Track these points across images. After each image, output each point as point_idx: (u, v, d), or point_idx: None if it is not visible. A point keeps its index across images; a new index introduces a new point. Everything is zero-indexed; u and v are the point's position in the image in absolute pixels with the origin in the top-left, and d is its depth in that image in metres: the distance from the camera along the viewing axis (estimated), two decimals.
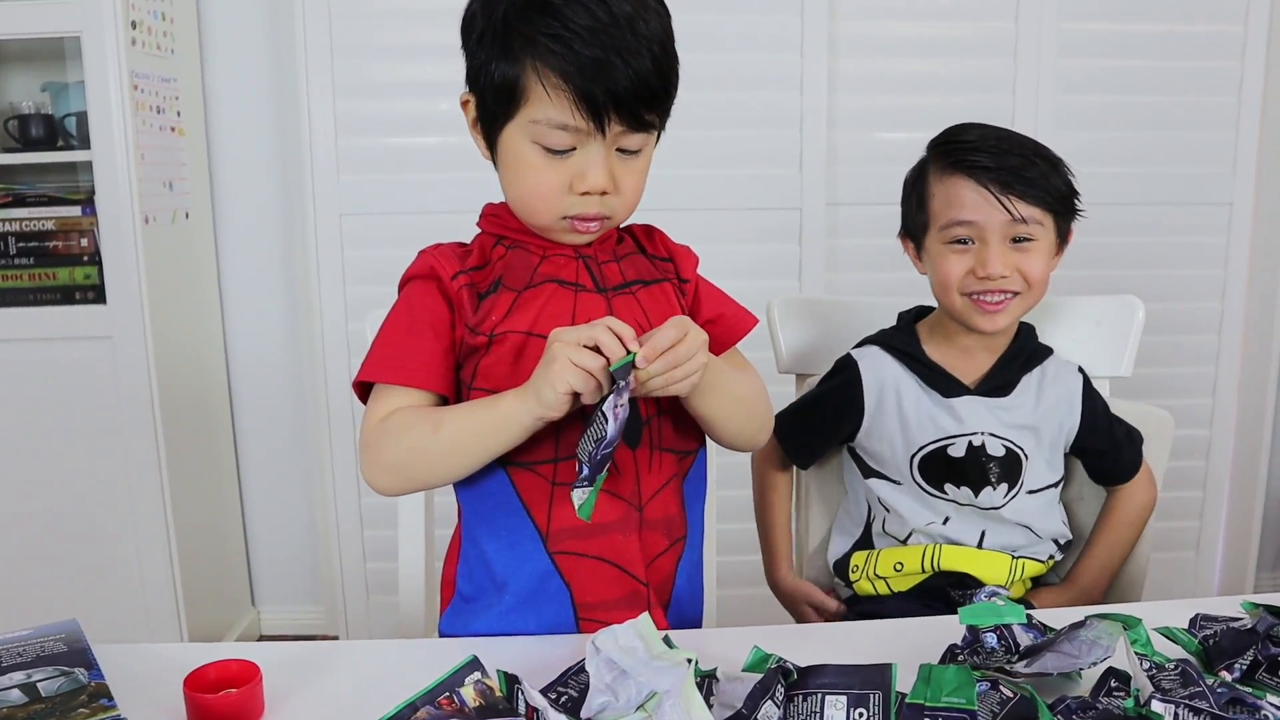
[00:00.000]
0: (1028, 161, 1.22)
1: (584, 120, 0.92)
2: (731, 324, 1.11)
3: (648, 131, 0.97)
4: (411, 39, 2.21)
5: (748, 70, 2.27)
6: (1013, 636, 0.87)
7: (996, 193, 1.21)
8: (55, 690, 0.79)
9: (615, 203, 0.99)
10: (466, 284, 1.01)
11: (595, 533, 1.00)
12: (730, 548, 1.64)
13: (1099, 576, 1.33)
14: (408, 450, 0.97)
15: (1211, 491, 2.56)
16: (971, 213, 1.22)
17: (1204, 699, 0.73)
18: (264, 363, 2.54)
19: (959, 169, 1.23)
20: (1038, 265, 1.24)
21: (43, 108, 2.22)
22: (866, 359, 1.34)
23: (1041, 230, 1.24)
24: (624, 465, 1.01)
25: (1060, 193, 1.24)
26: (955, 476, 1.28)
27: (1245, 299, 2.47)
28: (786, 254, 2.35)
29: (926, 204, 1.28)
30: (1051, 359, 1.33)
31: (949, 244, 1.25)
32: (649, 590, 1.02)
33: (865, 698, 0.75)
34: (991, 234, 1.22)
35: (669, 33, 0.96)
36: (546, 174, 0.97)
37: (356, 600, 2.45)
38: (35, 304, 2.15)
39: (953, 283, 1.25)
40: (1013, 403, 1.29)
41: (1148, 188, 2.40)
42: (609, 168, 0.96)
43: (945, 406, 1.29)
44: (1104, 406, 1.34)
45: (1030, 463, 1.29)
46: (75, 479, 2.20)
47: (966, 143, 1.25)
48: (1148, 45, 2.35)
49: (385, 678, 0.88)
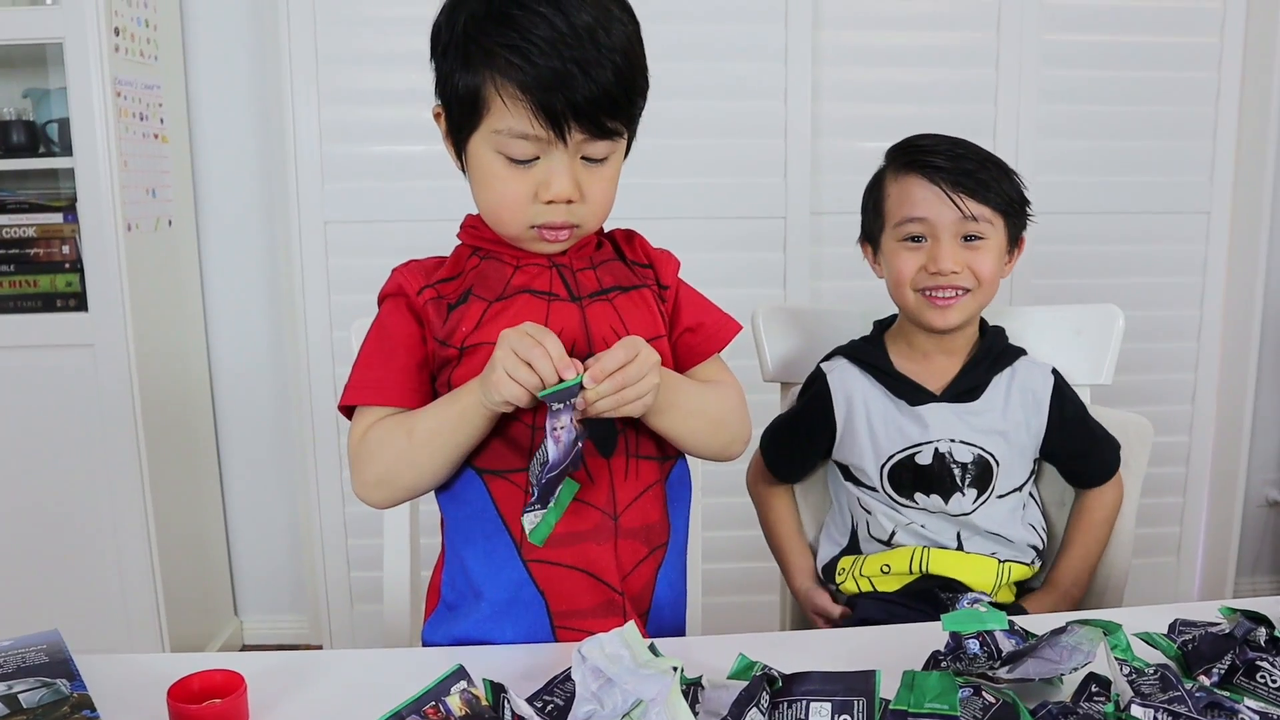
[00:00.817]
0: (980, 165, 1.27)
1: (544, 129, 0.93)
2: (712, 332, 1.11)
3: (611, 139, 0.97)
4: (396, 46, 2.21)
5: (732, 79, 2.28)
6: (995, 642, 0.87)
7: (948, 190, 1.25)
8: (37, 701, 0.78)
9: (582, 211, 0.99)
10: (432, 298, 1.03)
11: (570, 542, 1.00)
12: (715, 555, 1.65)
13: (1078, 578, 1.34)
14: (390, 461, 0.99)
15: (1191, 497, 2.58)
16: (924, 209, 1.26)
17: (1183, 703, 0.74)
18: (247, 371, 2.53)
19: (913, 169, 1.28)
20: (987, 264, 1.27)
21: (24, 114, 2.21)
22: (834, 373, 1.36)
23: (992, 230, 1.27)
24: (598, 474, 1.01)
25: (1010, 197, 1.28)
26: (924, 484, 1.29)
27: (1223, 306, 2.50)
28: (771, 262, 2.36)
29: (882, 205, 1.32)
30: (1023, 360, 1.35)
31: (902, 241, 1.29)
32: (624, 599, 1.02)
33: (849, 704, 0.76)
34: (943, 230, 1.26)
35: (635, 40, 0.97)
36: (511, 184, 0.97)
37: (340, 610, 2.44)
38: (16, 311, 2.14)
39: (906, 279, 1.29)
40: (981, 407, 1.31)
41: (1127, 196, 2.43)
42: (574, 176, 0.97)
43: (912, 415, 1.31)
44: (1078, 410, 1.35)
45: (1001, 468, 1.30)
46: (56, 487, 2.18)
47: (922, 146, 1.30)
48: (1127, 56, 2.38)
49: (370, 687, 0.88)
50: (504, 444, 1.01)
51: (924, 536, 1.30)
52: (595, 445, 1.01)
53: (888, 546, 1.32)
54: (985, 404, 1.31)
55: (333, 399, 2.34)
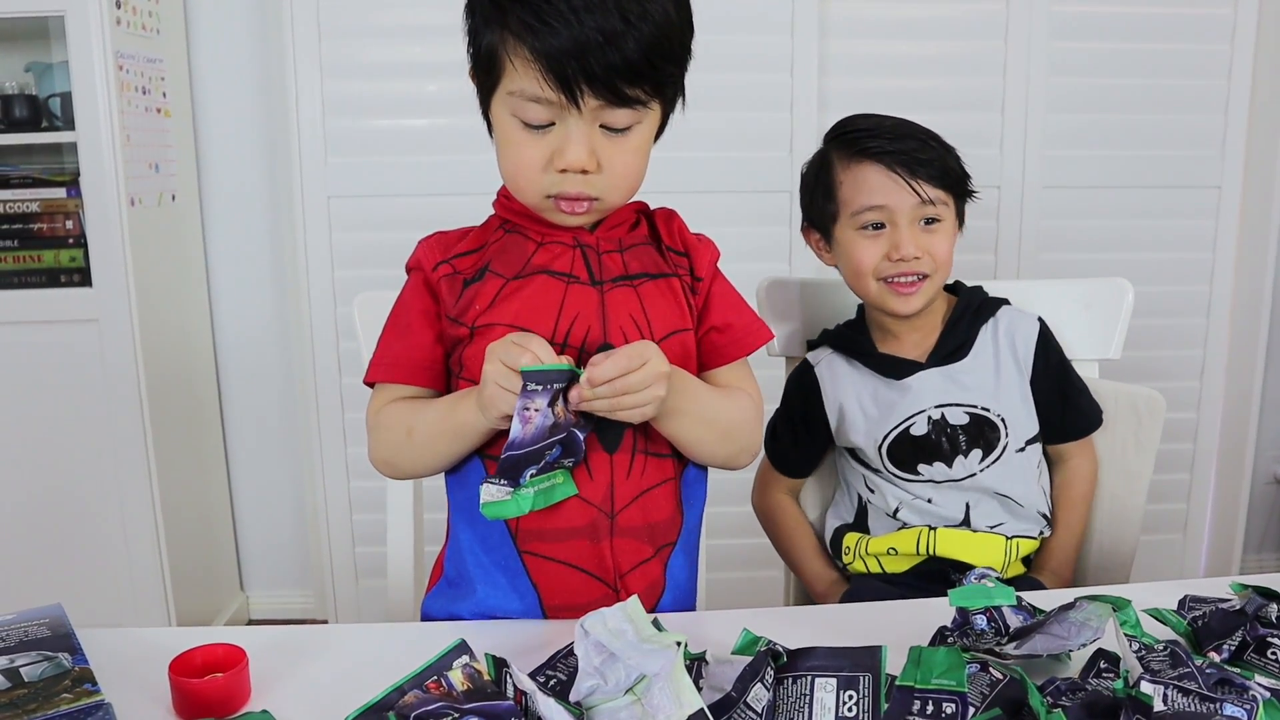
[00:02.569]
0: (924, 145, 1.26)
1: (555, 94, 0.89)
2: (739, 335, 1.06)
3: (633, 108, 0.93)
4: (400, 20, 2.19)
5: (738, 52, 2.26)
6: (1002, 618, 0.87)
7: (905, 176, 1.24)
8: (39, 675, 0.78)
9: (602, 183, 0.95)
10: (447, 274, 1.01)
11: (563, 537, 0.98)
12: (718, 531, 1.64)
13: (1065, 558, 1.33)
14: (392, 450, 1.02)
15: (1198, 474, 2.57)
16: (882, 196, 1.25)
17: (1193, 679, 0.73)
18: (251, 346, 2.52)
19: (865, 155, 1.27)
20: (944, 246, 1.27)
21: (27, 88, 2.19)
22: (821, 364, 1.36)
23: (946, 211, 1.28)
24: (597, 470, 0.98)
25: (956, 174, 1.28)
26: (924, 455, 1.29)
27: (1233, 282, 2.48)
28: (777, 236, 2.34)
29: (834, 192, 1.30)
30: (1005, 309, 1.34)
31: (860, 230, 1.28)
32: (619, 596, 0.99)
33: (855, 680, 0.75)
34: (902, 216, 1.25)
35: (676, 7, 0.94)
36: (526, 149, 0.94)
37: (345, 585, 2.44)
38: (20, 287, 2.13)
39: (867, 269, 1.28)
40: (972, 364, 1.30)
41: (1137, 170, 2.40)
42: (589, 145, 0.93)
43: (899, 389, 1.30)
44: (1060, 358, 1.34)
45: (1010, 420, 1.29)
46: (61, 463, 2.18)
47: (866, 130, 1.28)
48: (1138, 28, 2.35)
49: (373, 662, 0.88)
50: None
51: (929, 513, 1.29)
52: (599, 439, 0.97)
53: (894, 520, 1.31)
54: (975, 360, 1.30)
55: (337, 374, 2.34)
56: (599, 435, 0.97)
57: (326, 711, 0.78)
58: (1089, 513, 1.37)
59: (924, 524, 1.29)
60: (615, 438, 0.98)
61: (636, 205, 1.08)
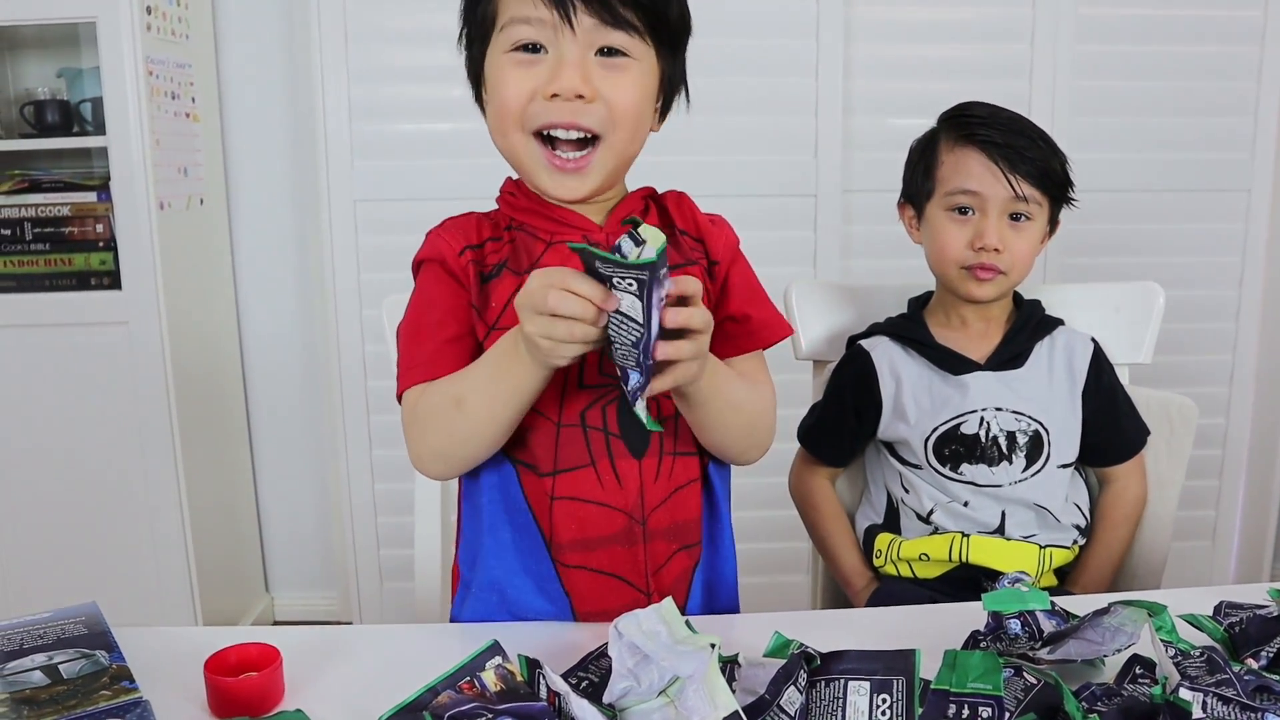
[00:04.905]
0: (1032, 143, 1.27)
1: (548, 9, 0.88)
2: (756, 328, 1.02)
3: (626, 31, 0.91)
4: (426, 24, 2.20)
5: (762, 55, 2.26)
6: (1036, 623, 0.86)
7: (1005, 169, 1.25)
8: (77, 672, 0.79)
9: (599, 114, 0.91)
10: (473, 260, 0.98)
11: (596, 546, 0.97)
12: (749, 535, 1.64)
13: (1098, 577, 1.32)
14: (444, 435, 0.93)
15: (1228, 480, 2.54)
16: (977, 183, 1.27)
17: (1231, 686, 0.73)
18: (278, 349, 2.54)
19: (971, 141, 1.28)
20: (1026, 245, 1.28)
21: (58, 93, 2.22)
22: (878, 349, 1.35)
23: (1038, 210, 1.28)
24: (626, 477, 0.97)
25: (1057, 178, 1.29)
26: (970, 455, 1.28)
27: (1263, 286, 2.45)
28: (802, 240, 2.34)
29: (934, 171, 1.31)
30: (1061, 329, 1.35)
31: (950, 211, 1.29)
32: (650, 600, 0.98)
33: (889, 683, 0.75)
34: (992, 206, 1.26)
35: None
36: (516, 79, 0.91)
37: (370, 587, 2.45)
38: (51, 289, 2.16)
39: (950, 254, 1.29)
40: (1026, 375, 1.31)
41: (1165, 174, 2.38)
42: (584, 70, 0.90)
43: (956, 384, 1.30)
44: (1112, 379, 1.34)
45: (1053, 435, 1.29)
46: (90, 464, 2.20)
47: (979, 118, 1.29)
48: (1165, 30, 2.33)
49: (403, 662, 0.88)
50: (541, 439, 0.97)
51: (964, 516, 1.28)
52: (626, 445, 0.97)
53: (926, 524, 1.31)
54: (1030, 371, 1.31)
55: (362, 376, 2.34)
56: (626, 441, 0.97)
57: (358, 711, 0.78)
58: (1131, 535, 1.35)
59: (958, 529, 1.28)
60: (643, 442, 0.98)
61: (644, 191, 1.05)
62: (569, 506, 0.97)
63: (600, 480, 0.97)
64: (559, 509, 0.97)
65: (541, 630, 0.96)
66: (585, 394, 0.97)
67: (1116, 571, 1.35)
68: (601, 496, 0.97)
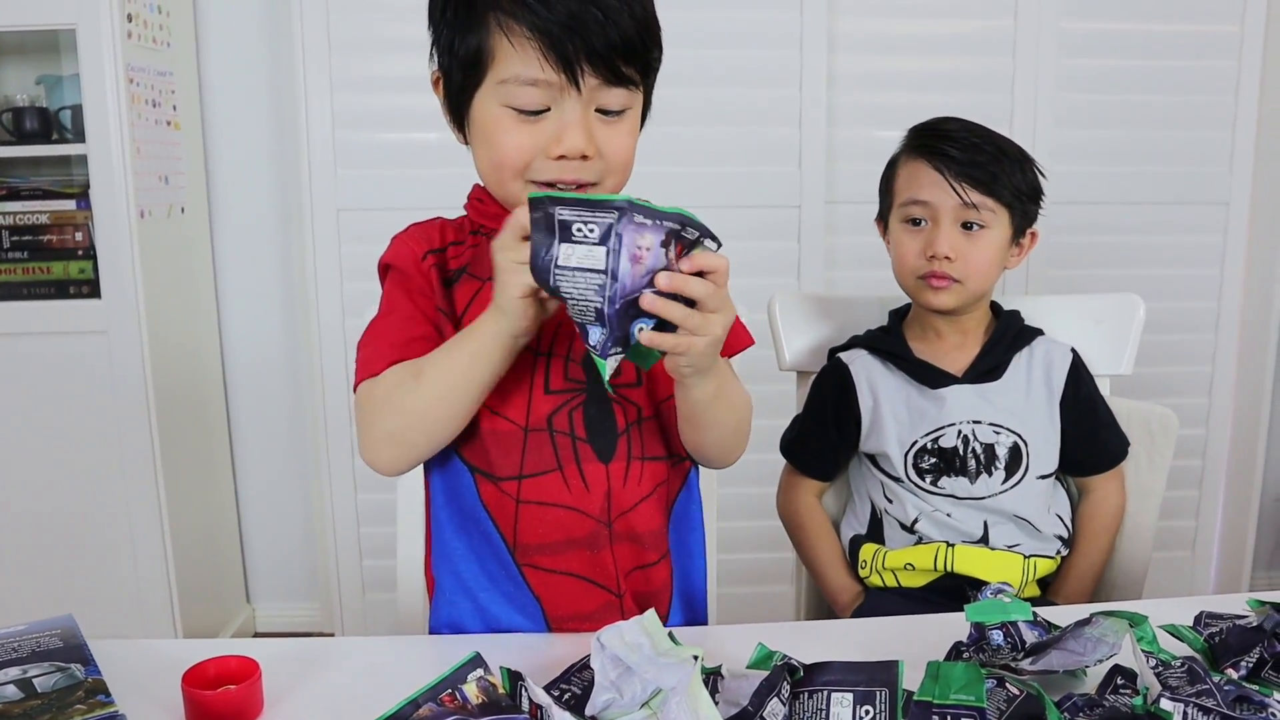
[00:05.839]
0: (992, 157, 1.27)
1: (555, 72, 0.88)
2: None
3: (628, 88, 0.92)
4: (409, 33, 2.17)
5: (747, 67, 2.27)
6: (1018, 634, 0.86)
7: (950, 177, 1.25)
8: (51, 686, 0.78)
9: (598, 167, 0.93)
10: (435, 264, 1.00)
11: (562, 549, 0.97)
12: (732, 546, 1.64)
13: (1080, 586, 1.33)
14: (399, 413, 0.92)
15: (1208, 491, 2.56)
16: (926, 193, 1.28)
17: (1211, 696, 0.73)
18: (260, 358, 2.52)
19: (923, 153, 1.29)
20: (983, 254, 1.27)
21: (37, 100, 2.21)
22: (856, 363, 1.36)
23: (994, 219, 1.27)
24: (593, 481, 0.97)
25: (1019, 189, 1.28)
26: (949, 468, 1.28)
27: (1242, 298, 2.47)
28: (785, 251, 2.35)
29: (892, 183, 1.34)
30: (1040, 339, 1.35)
31: (904, 222, 1.31)
32: (622, 600, 0.98)
33: (872, 695, 0.74)
34: (943, 215, 1.27)
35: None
36: (517, 135, 0.91)
37: (352, 598, 2.44)
38: (29, 298, 2.14)
39: (906, 264, 1.30)
40: (1004, 387, 1.31)
41: (1144, 187, 2.41)
42: (587, 128, 0.91)
43: (933, 398, 1.30)
44: (1091, 390, 1.34)
45: (1032, 447, 1.29)
46: (69, 475, 2.18)
47: (942, 131, 1.30)
48: (1146, 44, 2.35)
49: (385, 674, 0.88)
50: (495, 441, 0.97)
51: (948, 526, 1.29)
52: (594, 449, 0.97)
53: (910, 533, 1.31)
54: (1008, 383, 1.31)
55: (345, 386, 2.33)
56: (594, 445, 0.97)
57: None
58: (1111, 545, 1.36)
59: (942, 539, 1.29)
60: (609, 445, 0.98)
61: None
62: (536, 511, 0.97)
63: (567, 484, 0.97)
64: (525, 513, 0.97)
65: (520, 642, 0.95)
66: (551, 399, 0.97)
67: (1098, 581, 1.35)
68: (569, 500, 0.97)
